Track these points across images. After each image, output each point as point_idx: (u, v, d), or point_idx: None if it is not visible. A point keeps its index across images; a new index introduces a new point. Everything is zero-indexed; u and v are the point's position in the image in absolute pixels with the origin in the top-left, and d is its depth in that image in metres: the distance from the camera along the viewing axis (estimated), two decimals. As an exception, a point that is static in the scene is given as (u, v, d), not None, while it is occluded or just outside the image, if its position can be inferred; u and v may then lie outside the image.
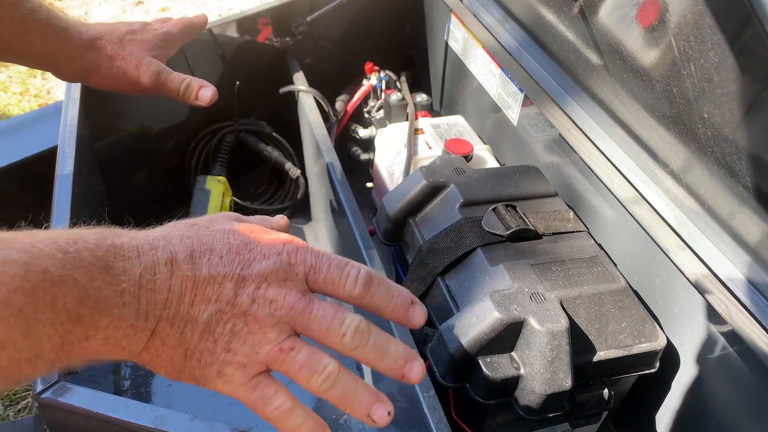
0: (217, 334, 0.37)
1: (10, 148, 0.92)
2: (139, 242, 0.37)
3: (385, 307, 0.41)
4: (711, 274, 0.62)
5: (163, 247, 0.37)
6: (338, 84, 1.15)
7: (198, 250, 0.38)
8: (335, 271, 0.40)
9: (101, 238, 0.35)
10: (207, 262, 0.38)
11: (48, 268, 0.32)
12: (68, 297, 0.32)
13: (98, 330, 0.34)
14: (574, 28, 0.80)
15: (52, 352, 0.32)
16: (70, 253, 0.33)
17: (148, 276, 0.36)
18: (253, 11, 1.00)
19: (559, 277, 0.64)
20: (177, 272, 0.37)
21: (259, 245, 0.39)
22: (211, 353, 0.37)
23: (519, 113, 0.91)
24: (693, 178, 0.65)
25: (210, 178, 1.00)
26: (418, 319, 0.41)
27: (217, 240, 0.39)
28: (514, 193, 0.75)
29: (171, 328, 0.36)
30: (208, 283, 0.37)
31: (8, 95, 1.96)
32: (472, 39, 0.99)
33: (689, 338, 0.66)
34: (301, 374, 0.38)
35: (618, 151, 0.75)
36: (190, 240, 0.38)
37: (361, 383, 0.39)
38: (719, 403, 0.64)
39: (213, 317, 0.37)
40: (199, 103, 0.73)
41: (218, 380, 0.38)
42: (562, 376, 0.59)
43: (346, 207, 0.78)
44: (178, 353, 0.37)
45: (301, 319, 0.38)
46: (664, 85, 0.65)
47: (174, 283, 0.36)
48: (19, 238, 0.32)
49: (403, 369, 0.39)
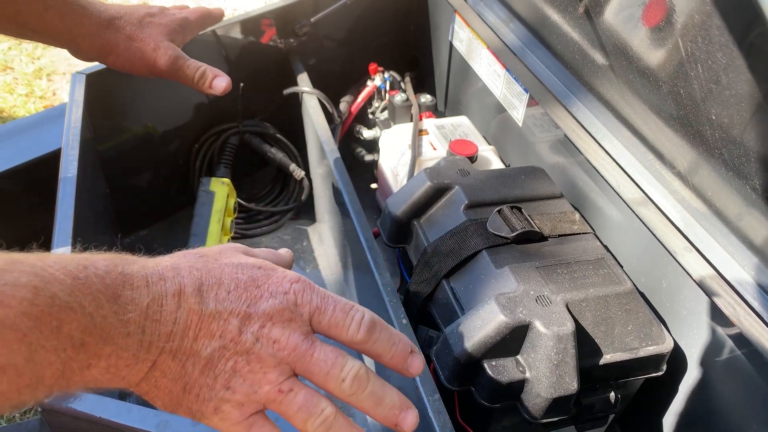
0: (218, 371, 0.37)
1: (14, 151, 0.92)
2: (149, 272, 0.37)
3: (385, 354, 0.41)
4: (719, 276, 0.62)
5: (172, 278, 0.37)
6: (342, 85, 1.14)
7: (206, 284, 0.38)
8: (340, 314, 0.40)
9: (111, 265, 0.35)
10: (214, 297, 0.38)
11: (57, 293, 0.31)
12: (74, 324, 0.32)
13: (100, 358, 0.34)
14: (580, 28, 0.79)
15: (52, 378, 0.32)
16: (80, 279, 0.33)
17: (155, 307, 0.35)
18: (257, 12, 1.00)
19: (565, 280, 0.64)
20: (184, 305, 0.36)
21: (267, 283, 0.39)
22: (210, 389, 0.37)
23: (524, 114, 0.91)
24: (700, 180, 0.65)
25: (214, 179, 1.00)
26: (416, 368, 0.42)
27: (226, 274, 0.39)
28: (519, 194, 0.75)
29: (173, 360, 0.36)
30: (214, 318, 0.37)
31: (14, 97, 1.97)
32: (477, 39, 0.99)
33: (696, 341, 0.65)
34: (298, 416, 0.38)
35: (624, 152, 0.74)
36: (199, 272, 0.38)
37: (354, 428, 0.39)
38: (727, 406, 0.64)
39: (216, 353, 0.37)
40: (212, 92, 0.73)
41: (214, 416, 0.38)
42: (568, 380, 0.59)
43: (351, 208, 0.77)
44: (177, 386, 0.37)
45: (303, 361, 0.38)
46: (670, 85, 0.65)
47: (180, 316, 0.36)
48: (29, 260, 0.32)
49: (398, 418, 0.40)
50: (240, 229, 1.07)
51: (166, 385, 0.37)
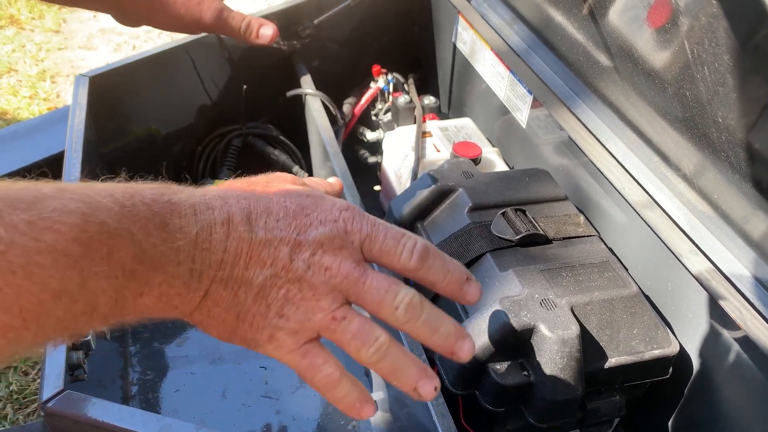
0: (271, 299, 0.37)
1: (18, 153, 0.92)
2: (196, 200, 0.36)
3: (440, 281, 0.40)
4: (725, 279, 0.61)
5: (220, 207, 0.36)
6: (346, 87, 1.14)
7: (255, 212, 0.37)
8: (391, 241, 0.39)
9: (158, 194, 0.35)
10: (264, 225, 0.37)
11: (105, 220, 0.31)
12: (124, 251, 0.32)
13: (152, 287, 0.33)
14: (584, 29, 0.79)
15: (107, 306, 0.32)
16: (127, 206, 0.33)
17: (204, 235, 0.35)
18: (260, 14, 0.99)
19: (570, 283, 0.64)
20: (233, 233, 0.36)
21: (316, 210, 0.39)
22: (263, 317, 0.37)
23: (528, 115, 0.90)
24: (706, 182, 0.65)
25: (217, 182, 1.00)
26: (472, 295, 0.41)
27: (274, 202, 0.38)
28: (523, 196, 0.75)
29: (224, 289, 0.36)
30: (264, 246, 0.37)
31: (18, 99, 1.97)
32: (480, 41, 0.98)
33: (702, 344, 0.65)
34: (352, 344, 0.37)
35: (629, 154, 0.74)
36: (247, 201, 0.38)
37: (410, 357, 0.39)
38: (733, 410, 0.63)
39: (267, 281, 0.37)
40: (259, 42, 0.72)
41: (269, 345, 0.38)
42: (573, 384, 0.58)
43: (354, 211, 0.77)
44: (231, 315, 0.37)
45: (355, 288, 0.38)
46: (676, 87, 0.64)
47: (230, 245, 0.36)
48: (77, 188, 0.32)
49: (454, 346, 0.39)
50: (243, 231, 1.07)
51: (220, 314, 0.37)
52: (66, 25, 2.34)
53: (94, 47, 2.24)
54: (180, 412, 0.80)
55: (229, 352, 0.89)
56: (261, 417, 0.82)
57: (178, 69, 0.95)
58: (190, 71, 0.97)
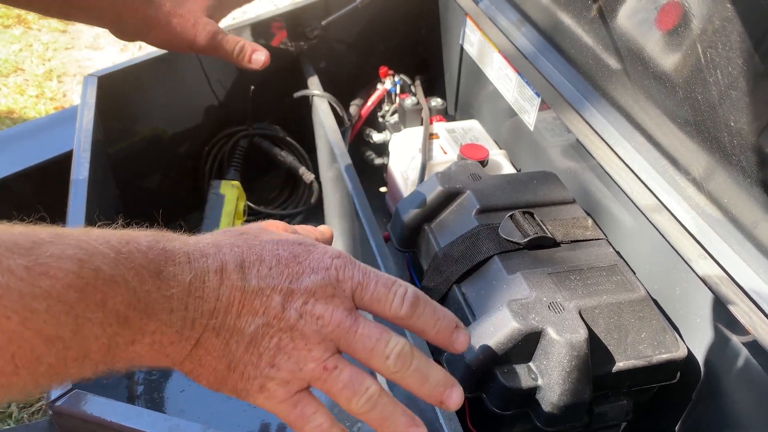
0: (263, 348, 0.37)
1: (26, 152, 0.92)
2: (190, 248, 0.36)
3: (430, 329, 0.40)
4: (734, 283, 0.61)
5: (213, 255, 0.37)
6: (353, 88, 1.14)
7: (248, 260, 0.38)
8: (382, 289, 0.39)
9: (153, 241, 0.35)
10: (256, 273, 0.37)
11: (101, 266, 0.31)
12: (118, 298, 0.32)
13: (145, 335, 0.33)
14: (592, 31, 0.79)
15: (98, 353, 0.32)
16: (123, 253, 0.33)
17: (197, 283, 0.35)
18: (267, 15, 1.00)
19: (578, 286, 0.63)
20: (226, 281, 0.36)
21: (308, 259, 0.39)
22: (255, 367, 0.37)
23: (535, 118, 0.90)
24: (716, 186, 0.64)
25: (224, 182, 1.00)
26: (461, 344, 0.41)
27: (267, 250, 0.39)
28: (531, 199, 0.74)
29: (216, 338, 0.36)
30: (257, 294, 0.37)
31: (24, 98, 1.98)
32: (488, 43, 0.98)
33: (710, 349, 0.65)
34: (342, 394, 0.37)
35: (637, 157, 0.74)
36: (240, 249, 0.38)
37: (399, 407, 0.39)
38: (741, 416, 0.63)
39: (259, 330, 0.37)
40: (252, 66, 0.73)
41: (260, 395, 0.38)
42: (580, 387, 0.58)
43: (361, 212, 0.77)
44: (222, 364, 0.37)
45: (346, 337, 0.38)
46: (686, 90, 0.64)
47: (222, 293, 0.36)
48: (74, 234, 0.32)
49: (443, 395, 0.39)
50: (249, 231, 1.07)
51: (211, 363, 0.37)
52: (73, 25, 2.35)
53: (100, 47, 2.25)
54: (185, 412, 0.80)
55: (235, 352, 0.89)
56: (265, 418, 0.82)
57: (185, 69, 0.95)
58: (197, 72, 0.97)
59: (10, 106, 1.94)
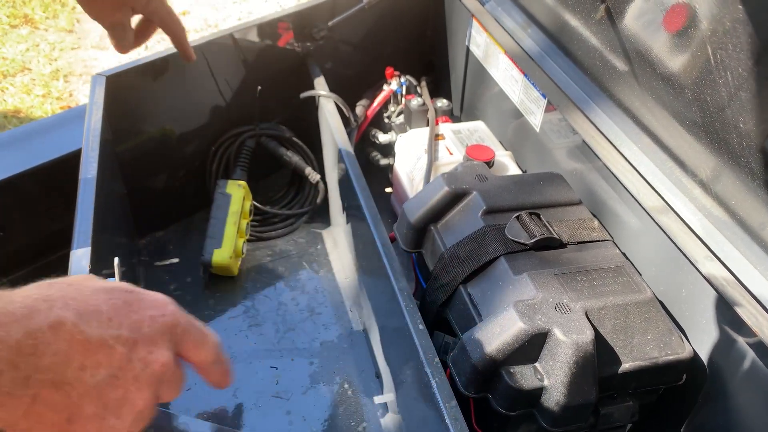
0: (108, 399, 0.37)
1: (34, 151, 0.93)
2: (16, 307, 0.35)
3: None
4: (740, 285, 0.61)
5: (46, 311, 0.36)
6: (359, 89, 1.14)
7: (85, 312, 0.37)
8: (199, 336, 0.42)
9: None
10: (97, 325, 0.37)
11: None
12: None
13: None
14: (599, 33, 0.79)
15: None
16: None
17: (28, 341, 0.34)
18: (274, 16, 1.00)
19: (584, 287, 0.63)
20: (64, 335, 0.36)
21: (143, 306, 0.40)
22: (100, 419, 0.37)
23: (541, 119, 0.90)
24: (723, 188, 0.64)
25: (231, 182, 1.00)
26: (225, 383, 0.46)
27: (102, 300, 0.39)
28: (537, 200, 0.74)
29: (56, 392, 0.35)
30: (100, 346, 0.37)
31: (31, 97, 1.99)
32: (494, 44, 0.98)
33: (716, 351, 0.65)
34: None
35: (644, 158, 0.74)
36: (75, 302, 0.37)
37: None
38: (746, 417, 0.63)
39: (104, 381, 0.37)
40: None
41: None
42: (586, 388, 0.58)
43: (366, 212, 0.77)
44: (61, 418, 0.36)
45: (174, 377, 0.40)
46: (694, 92, 0.64)
47: (60, 347, 0.35)
48: None
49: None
50: (255, 231, 1.07)
51: (50, 418, 0.36)
52: (79, 25, 2.36)
53: (106, 47, 2.26)
54: (192, 410, 0.80)
55: (240, 351, 0.89)
56: (271, 416, 0.82)
57: (192, 69, 0.95)
58: (204, 72, 0.97)
59: (17, 106, 1.95)
